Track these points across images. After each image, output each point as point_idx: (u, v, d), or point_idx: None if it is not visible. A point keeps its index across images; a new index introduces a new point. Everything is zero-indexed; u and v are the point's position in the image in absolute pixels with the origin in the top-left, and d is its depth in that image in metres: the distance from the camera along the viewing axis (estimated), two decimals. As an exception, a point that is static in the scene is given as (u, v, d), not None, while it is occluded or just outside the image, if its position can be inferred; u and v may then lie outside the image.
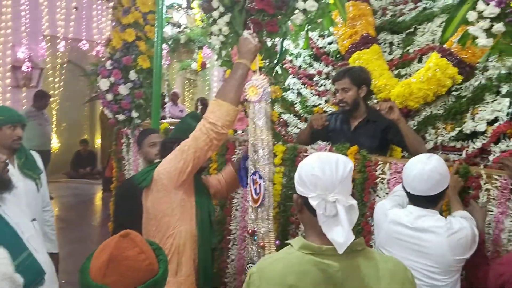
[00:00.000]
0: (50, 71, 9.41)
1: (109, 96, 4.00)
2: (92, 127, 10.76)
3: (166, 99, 5.95)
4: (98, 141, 10.42)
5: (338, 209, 1.33)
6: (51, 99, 8.22)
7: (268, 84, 2.36)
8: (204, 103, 9.14)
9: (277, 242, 2.32)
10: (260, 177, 2.29)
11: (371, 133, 2.90)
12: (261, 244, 2.31)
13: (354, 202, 1.37)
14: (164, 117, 5.10)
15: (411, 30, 3.78)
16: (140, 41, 3.92)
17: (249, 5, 2.93)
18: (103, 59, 4.23)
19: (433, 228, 1.95)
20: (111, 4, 4.25)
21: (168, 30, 4.69)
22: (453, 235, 1.93)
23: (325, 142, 2.81)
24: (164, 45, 4.16)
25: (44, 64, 8.94)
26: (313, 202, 1.35)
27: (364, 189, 2.55)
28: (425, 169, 1.96)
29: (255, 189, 2.29)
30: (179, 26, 5.00)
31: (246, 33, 2.39)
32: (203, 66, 5.93)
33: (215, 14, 3.13)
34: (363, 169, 2.57)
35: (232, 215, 3.22)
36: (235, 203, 3.19)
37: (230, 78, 2.23)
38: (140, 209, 2.42)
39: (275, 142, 3.00)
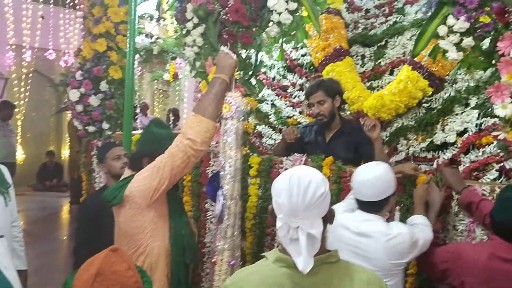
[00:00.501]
0: (15, 81, 9.18)
1: (79, 107, 3.93)
2: (58, 138, 10.53)
3: (138, 110, 5.89)
4: (65, 153, 10.20)
5: (299, 235, 1.32)
6: (16, 110, 8.01)
7: (243, 102, 2.37)
8: (176, 113, 9.08)
9: (232, 262, 2.30)
10: (222, 194, 2.30)
11: (346, 144, 2.95)
12: (213, 260, 2.31)
13: (316, 231, 1.33)
14: (135, 128, 5.03)
15: (382, 43, 3.88)
16: (111, 51, 3.88)
17: (223, 16, 2.94)
18: (72, 69, 4.16)
19: (373, 233, 2.00)
20: (79, 13, 4.20)
21: (140, 41, 4.65)
22: (390, 241, 1.97)
23: (301, 153, 2.83)
24: (136, 56, 4.12)
25: (9, 74, 8.72)
26: (278, 223, 1.36)
27: (339, 200, 2.58)
28: (371, 176, 2.03)
29: (222, 204, 2.31)
30: (151, 36, 4.96)
31: (225, 48, 2.37)
32: (175, 76, 5.91)
33: (189, 25, 3.12)
34: (338, 180, 2.61)
35: (207, 228, 3.20)
36: (210, 215, 3.17)
37: (209, 93, 2.18)
38: (107, 227, 2.38)
39: (251, 154, 3.01)
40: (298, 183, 1.33)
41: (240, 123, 2.33)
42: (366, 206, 2.09)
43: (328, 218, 1.42)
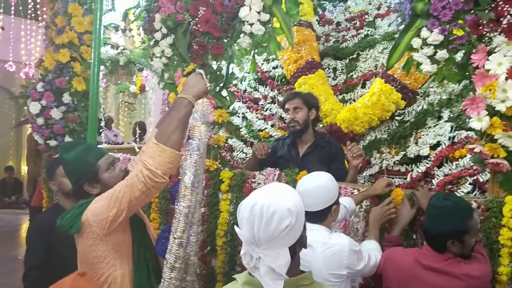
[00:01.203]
0: (-28, 94, 8.84)
1: (40, 120, 3.76)
2: (18, 154, 10.18)
3: (103, 123, 5.71)
4: (24, 168, 9.83)
5: (260, 267, 1.24)
6: (-27, 124, 7.70)
7: (205, 137, 2.17)
8: (142, 127, 8.89)
9: None
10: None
11: (320, 158, 2.91)
12: None
13: (280, 263, 1.23)
14: (100, 143, 4.87)
15: (354, 56, 3.90)
16: (75, 62, 3.75)
17: (193, 27, 2.88)
18: (33, 81, 3.99)
19: (313, 242, 1.93)
20: (41, 24, 4.05)
21: (106, 51, 4.52)
22: (327, 250, 1.93)
23: (274, 168, 2.77)
24: (101, 67, 4.00)
25: (-34, 86, 8.39)
26: (242, 250, 1.29)
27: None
28: (312, 185, 2.00)
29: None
30: (117, 47, 4.84)
31: (202, 72, 2.17)
32: (142, 89, 5.78)
33: (158, 35, 3.05)
34: (313, 194, 2.54)
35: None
36: (179, 233, 3.06)
37: (173, 118, 1.92)
38: (60, 249, 2.23)
39: (222, 168, 2.93)
40: (260, 213, 1.23)
41: (196, 158, 2.06)
42: (309, 216, 2.01)
43: (300, 244, 1.34)
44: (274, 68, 4.14)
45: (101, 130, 5.93)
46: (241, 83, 4.29)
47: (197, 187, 2.04)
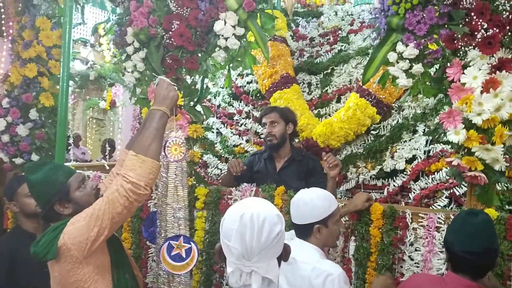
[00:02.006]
0: None
1: (5, 137, 3.63)
2: (-19, 173, 9.74)
3: (71, 140, 5.57)
4: (-12, 188, 9.44)
5: (252, 281, 1.21)
6: None
7: (185, 142, 2.22)
8: (112, 144, 8.72)
9: None
10: (189, 241, 2.13)
11: (297, 173, 2.90)
12: None
13: (273, 274, 1.22)
14: (68, 161, 4.73)
15: (328, 71, 3.93)
16: (42, 77, 3.64)
17: (167, 41, 2.84)
18: (-2, 97, 3.86)
19: (303, 263, 1.88)
20: (6, 40, 3.93)
21: (76, 66, 4.42)
22: (316, 275, 1.83)
23: (250, 183, 2.74)
24: (70, 82, 3.90)
25: None
26: (228, 268, 1.24)
27: (292, 231, 2.49)
28: (297, 197, 2.00)
29: (177, 254, 2.12)
30: (87, 62, 4.75)
31: (166, 78, 2.15)
32: (112, 104, 5.69)
33: (130, 49, 3.00)
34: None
35: (148, 267, 3.00)
36: (151, 253, 2.98)
37: (150, 129, 1.94)
38: (23, 276, 2.14)
39: (197, 185, 2.87)
40: (251, 222, 1.21)
41: (184, 163, 2.18)
42: (294, 229, 2.03)
43: (283, 256, 1.31)
44: (248, 83, 4.13)
45: (69, 148, 5.79)
46: (215, 98, 4.26)
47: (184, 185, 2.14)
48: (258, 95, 4.07)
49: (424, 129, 3.21)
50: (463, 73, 2.12)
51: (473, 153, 2.09)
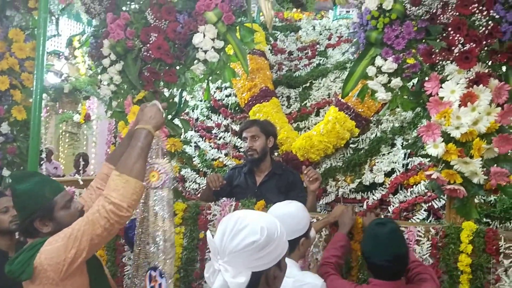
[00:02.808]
0: None
1: (-25, 152, 3.52)
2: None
3: (43, 155, 5.44)
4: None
5: (216, 279, 1.23)
6: None
7: (171, 168, 2.16)
8: (85, 159, 8.56)
9: None
10: (161, 275, 2.05)
11: (277, 187, 2.88)
12: None
13: (236, 282, 1.21)
14: (41, 175, 4.62)
15: (307, 84, 3.95)
16: (15, 90, 3.56)
17: (144, 53, 2.82)
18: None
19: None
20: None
21: (50, 79, 4.34)
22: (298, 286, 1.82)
23: (230, 198, 2.71)
24: (44, 95, 3.82)
25: None
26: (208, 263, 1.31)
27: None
28: (280, 212, 1.94)
29: (152, 287, 2.06)
30: (61, 75, 4.66)
31: (158, 103, 2.08)
32: (87, 118, 5.59)
33: (106, 62, 2.97)
34: (272, 225, 2.49)
35: (124, 285, 2.93)
36: (127, 271, 2.92)
37: (134, 147, 1.87)
38: None
39: (175, 200, 2.83)
40: (234, 223, 1.26)
41: (170, 192, 2.08)
42: None
43: (266, 279, 1.27)
44: (227, 96, 4.12)
45: (41, 162, 5.65)
46: (193, 111, 4.23)
47: (170, 217, 2.06)
48: (237, 108, 4.06)
49: (402, 143, 3.25)
50: (441, 87, 2.16)
51: (452, 166, 2.11)
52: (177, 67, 2.87)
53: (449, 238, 2.14)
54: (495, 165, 2.09)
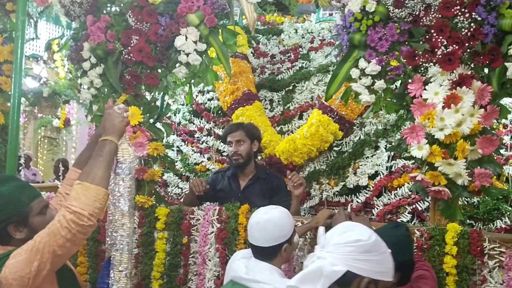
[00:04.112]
0: None
1: (-50, 158, 3.41)
2: None
3: (22, 161, 5.30)
4: None
5: (310, 264, 1.34)
6: None
7: (134, 158, 2.09)
8: (65, 165, 8.41)
9: None
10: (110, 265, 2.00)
11: (262, 191, 2.85)
12: None
13: (334, 269, 1.30)
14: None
15: (290, 88, 3.94)
16: (-8, 94, 3.46)
17: (125, 56, 2.77)
18: None
19: (264, 285, 1.79)
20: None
21: (28, 83, 4.24)
22: None
23: (214, 202, 2.67)
24: (22, 99, 3.72)
25: None
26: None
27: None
28: (263, 218, 1.90)
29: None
30: (39, 79, 4.56)
31: (117, 107, 2.02)
32: (66, 123, 5.48)
33: (86, 65, 2.91)
34: (256, 230, 2.45)
35: (106, 292, 2.85)
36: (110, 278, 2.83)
37: (97, 157, 1.84)
38: None
39: (157, 205, 2.78)
40: (348, 225, 1.44)
41: (132, 183, 2.00)
42: (257, 251, 1.92)
43: (359, 284, 1.34)
44: (209, 99, 4.08)
45: (20, 168, 5.53)
46: (175, 115, 4.17)
47: (133, 213, 1.99)
48: (219, 112, 4.02)
49: (386, 145, 3.25)
50: (425, 89, 2.16)
51: (436, 168, 2.11)
52: (159, 70, 2.83)
53: (434, 239, 2.13)
54: (479, 166, 2.10)
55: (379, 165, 3.20)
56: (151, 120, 2.93)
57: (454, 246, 2.07)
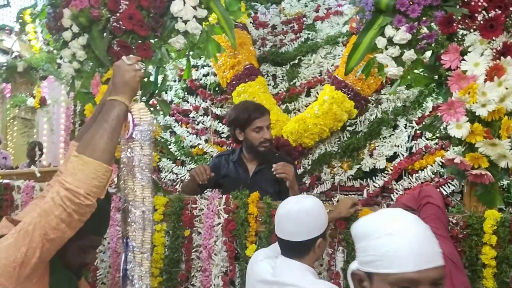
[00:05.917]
0: None
1: None
2: None
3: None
4: None
5: None
6: None
7: (147, 118, 1.88)
8: (41, 148, 8.22)
9: None
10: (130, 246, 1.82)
11: (273, 176, 2.67)
12: None
13: None
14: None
15: (296, 61, 3.79)
16: (-41, 69, 3.27)
17: (113, 24, 2.59)
18: None
19: (293, 286, 1.70)
20: None
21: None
22: None
23: (218, 189, 2.55)
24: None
25: None
26: None
27: (270, 243, 2.31)
28: (294, 208, 1.78)
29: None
30: (12, 53, 4.33)
31: (125, 58, 1.85)
32: (42, 102, 5.25)
33: (67, 35, 2.73)
34: (268, 219, 2.33)
35: (97, 289, 2.74)
36: (100, 275, 2.76)
37: (101, 121, 1.64)
38: None
39: (155, 193, 2.63)
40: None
41: (149, 148, 1.77)
42: (286, 247, 1.82)
43: None
44: (204, 75, 3.91)
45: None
46: (166, 93, 4.00)
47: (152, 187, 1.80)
48: (217, 89, 3.85)
49: (405, 124, 3.14)
50: (463, 59, 2.02)
51: (476, 149, 1.99)
52: (152, 41, 2.67)
53: (471, 229, 2.04)
54: (523, 146, 1.99)
55: (398, 146, 3.10)
56: (144, 98, 2.77)
57: (493, 236, 1.99)
